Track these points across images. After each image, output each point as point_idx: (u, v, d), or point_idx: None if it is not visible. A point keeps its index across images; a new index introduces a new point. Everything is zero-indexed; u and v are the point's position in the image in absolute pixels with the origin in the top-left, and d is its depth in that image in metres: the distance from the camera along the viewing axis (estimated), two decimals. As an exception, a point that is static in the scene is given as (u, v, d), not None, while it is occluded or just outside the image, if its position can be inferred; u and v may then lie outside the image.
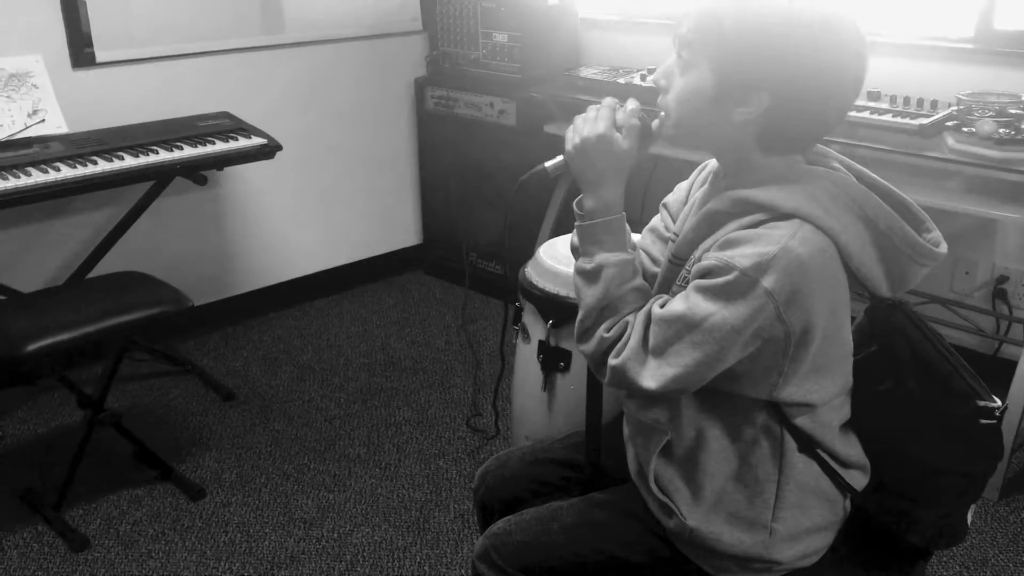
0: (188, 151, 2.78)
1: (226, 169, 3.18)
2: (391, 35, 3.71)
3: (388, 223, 3.94)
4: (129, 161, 2.67)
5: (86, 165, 2.59)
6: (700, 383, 1.23)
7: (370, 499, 2.51)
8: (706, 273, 1.21)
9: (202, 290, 3.32)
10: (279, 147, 2.95)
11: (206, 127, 2.94)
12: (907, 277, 1.28)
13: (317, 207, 3.68)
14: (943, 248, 1.28)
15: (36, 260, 3.03)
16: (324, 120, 3.59)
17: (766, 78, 1.19)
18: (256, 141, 2.92)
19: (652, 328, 1.24)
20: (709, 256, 1.22)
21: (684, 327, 1.20)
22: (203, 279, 3.39)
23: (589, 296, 1.31)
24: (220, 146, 2.85)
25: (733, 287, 1.17)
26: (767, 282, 1.16)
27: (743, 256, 1.17)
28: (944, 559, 2.24)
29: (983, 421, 1.30)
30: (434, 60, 3.73)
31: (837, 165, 1.29)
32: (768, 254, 1.16)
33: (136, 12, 3.04)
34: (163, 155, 2.73)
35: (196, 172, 2.81)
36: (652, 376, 1.23)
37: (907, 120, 2.57)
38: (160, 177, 2.85)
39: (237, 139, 2.91)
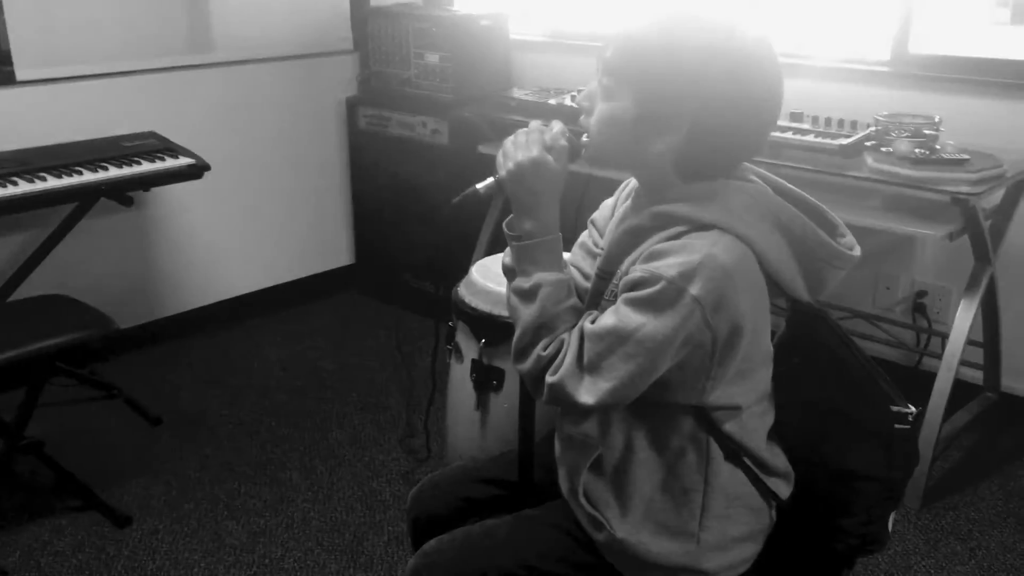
0: (113, 171, 2.73)
1: (153, 190, 3.12)
2: (322, 55, 3.70)
3: (320, 243, 3.91)
4: (52, 182, 2.61)
5: (6, 186, 2.52)
6: (636, 394, 1.25)
7: (302, 523, 2.47)
8: (634, 286, 1.23)
9: (128, 313, 3.25)
10: (207, 167, 2.91)
11: (132, 147, 2.89)
12: (824, 281, 1.32)
13: (247, 227, 3.64)
14: (857, 251, 1.33)
15: (-47, 284, 2.94)
16: (254, 140, 3.56)
17: (686, 110, 1.22)
18: (183, 161, 2.88)
19: (585, 344, 1.25)
20: (636, 269, 1.24)
21: (616, 340, 1.22)
22: (130, 301, 3.32)
23: (526, 315, 1.32)
24: (146, 166, 2.81)
25: (661, 297, 1.20)
26: (694, 289, 1.19)
27: (669, 266, 1.20)
28: (868, 567, 2.30)
29: (898, 426, 1.35)
30: (366, 80, 3.73)
31: (753, 177, 1.33)
32: (693, 262, 1.19)
33: (58, 30, 2.98)
34: (87, 176, 2.68)
35: (121, 193, 2.76)
36: (588, 391, 1.24)
37: (828, 140, 2.65)
38: (84, 198, 2.79)
39: (164, 159, 2.86)
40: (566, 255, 1.39)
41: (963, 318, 2.53)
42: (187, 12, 3.32)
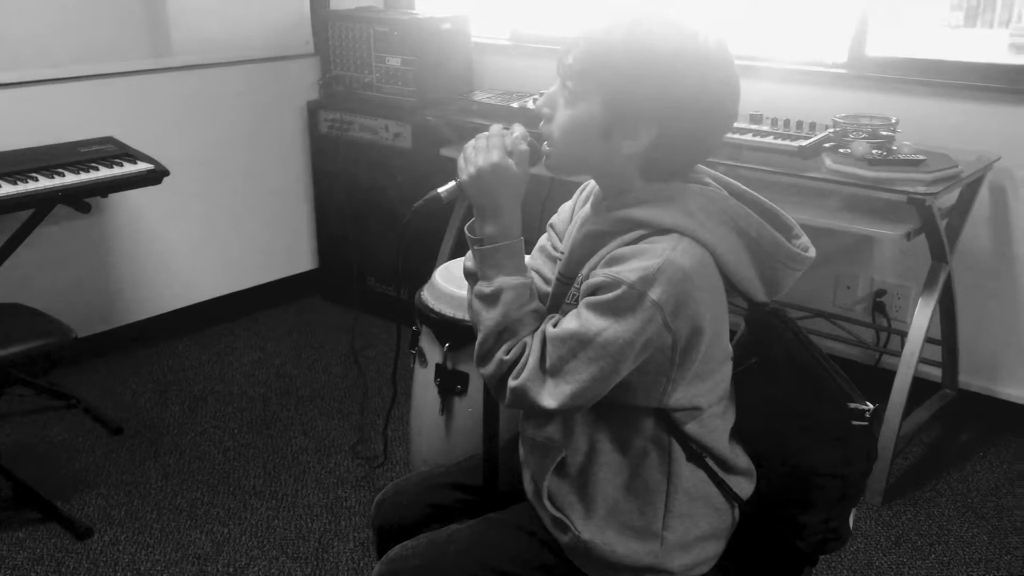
0: (70, 178, 2.69)
1: (111, 196, 3.08)
2: (282, 58, 3.67)
3: (282, 248, 3.88)
4: (7, 189, 2.57)
5: (-41, 193, 2.48)
6: (597, 397, 1.26)
7: (266, 531, 2.45)
8: (595, 290, 1.24)
9: (87, 321, 3.21)
10: (166, 172, 2.88)
11: (89, 153, 2.85)
12: (780, 282, 1.33)
13: (208, 233, 3.60)
14: (811, 252, 1.34)
15: (-95, 293, 2.88)
16: (214, 144, 3.53)
17: (655, 112, 1.23)
18: (142, 167, 2.84)
19: (547, 348, 1.26)
20: (597, 273, 1.25)
21: (578, 344, 1.23)
22: (88, 309, 3.27)
23: (488, 319, 1.32)
24: (104, 172, 2.77)
25: (622, 301, 1.20)
26: (654, 294, 1.19)
27: (629, 271, 1.21)
28: (831, 564, 2.32)
29: (855, 423, 1.37)
30: (327, 83, 3.70)
31: (709, 181, 1.34)
32: (652, 267, 1.20)
33: (12, 34, 2.93)
34: (43, 182, 2.64)
35: (79, 199, 2.72)
36: (551, 395, 1.25)
37: (787, 142, 2.68)
38: (40, 205, 2.74)
39: (122, 165, 2.83)
40: (526, 259, 1.39)
41: (921, 316, 2.57)
42: (145, 15, 3.28)
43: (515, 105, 3.24)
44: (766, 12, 3.16)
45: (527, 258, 1.39)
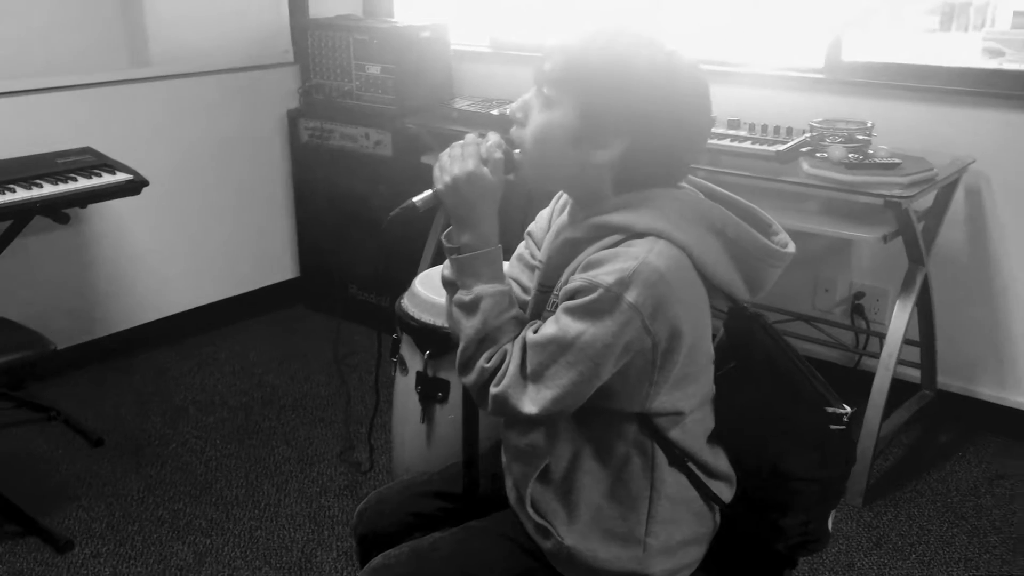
0: (48, 189, 2.68)
1: (90, 206, 3.06)
2: (262, 67, 3.67)
3: (264, 257, 3.87)
4: (-17, 200, 2.55)
5: (-65, 205, 2.46)
6: (579, 402, 1.26)
7: (249, 541, 2.44)
8: (573, 294, 1.24)
9: (67, 332, 3.19)
10: (146, 183, 2.86)
11: (67, 163, 2.83)
12: (762, 280, 1.34)
13: (189, 243, 3.59)
14: (791, 248, 1.35)
15: None
16: (194, 154, 3.52)
17: (628, 122, 1.25)
18: (121, 177, 2.83)
19: (528, 354, 1.27)
20: (574, 278, 1.26)
21: (558, 349, 1.23)
22: (67, 321, 3.25)
23: (468, 327, 1.32)
24: (83, 183, 2.75)
25: (599, 304, 1.21)
26: (631, 296, 1.20)
27: (606, 274, 1.22)
28: (813, 566, 2.33)
29: (834, 427, 1.38)
30: (307, 92, 3.70)
31: (684, 184, 1.35)
32: (629, 269, 1.21)
33: (-11, 45, 2.92)
34: (21, 193, 2.62)
35: (57, 210, 2.70)
36: (532, 401, 1.25)
37: (765, 147, 2.70)
38: (19, 216, 2.72)
39: (101, 175, 2.81)
40: (504, 267, 1.40)
41: (899, 318, 2.59)
42: (123, 25, 3.28)
43: (495, 112, 3.25)
44: (744, 18, 3.18)
45: (505, 266, 1.40)
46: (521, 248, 1.54)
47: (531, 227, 1.55)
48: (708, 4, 3.22)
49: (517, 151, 1.34)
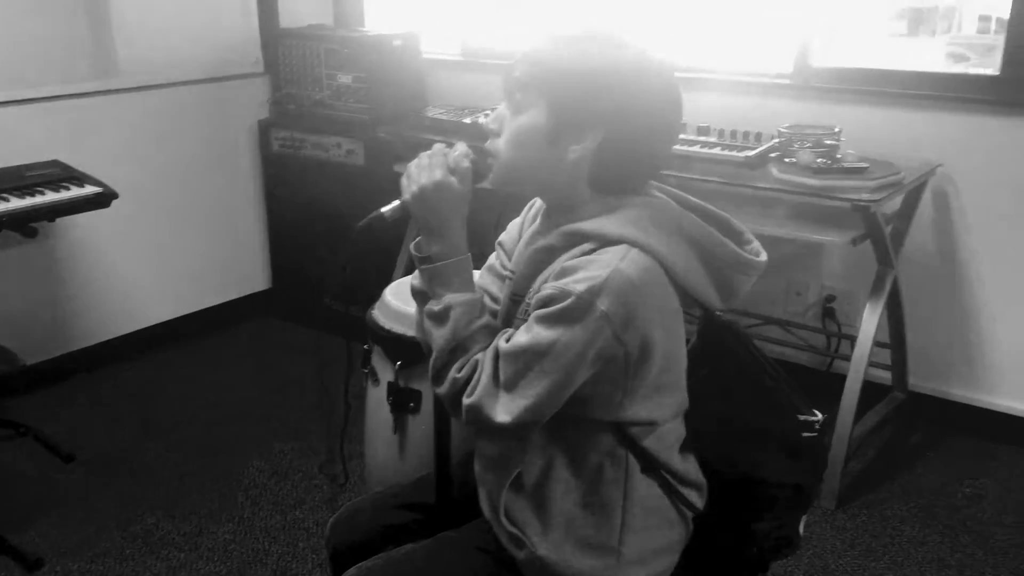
0: (15, 202, 2.64)
1: (58, 220, 3.03)
2: (232, 78, 3.65)
3: (235, 268, 3.84)
4: (-52, 215, 2.52)
5: (-101, 221, 2.43)
6: (552, 411, 1.26)
7: (223, 555, 2.42)
8: (545, 302, 1.24)
9: (36, 348, 3.15)
10: (115, 195, 2.83)
11: (34, 177, 2.80)
12: (735, 288, 1.35)
13: (159, 255, 3.56)
14: (763, 257, 1.36)
15: None
16: (164, 166, 3.49)
17: (600, 114, 1.25)
18: (90, 190, 2.80)
19: (500, 363, 1.26)
20: (547, 286, 1.26)
21: (531, 358, 1.23)
22: (37, 336, 3.21)
23: (439, 337, 1.32)
24: (50, 196, 2.72)
25: (571, 312, 1.21)
26: (602, 304, 1.20)
27: (577, 282, 1.22)
28: (788, 569, 2.34)
29: (806, 435, 1.38)
30: (278, 102, 3.69)
31: (657, 193, 1.36)
32: (600, 277, 1.21)
33: (-47, 57, 2.89)
34: (-13, 207, 2.59)
35: (24, 224, 2.67)
36: (505, 410, 1.25)
37: (735, 152, 2.72)
38: (-16, 231, 2.70)
39: (69, 188, 2.78)
40: (474, 278, 1.39)
41: (869, 321, 2.61)
42: (91, 36, 3.25)
43: (467, 120, 3.25)
44: (713, 25, 3.20)
45: (475, 277, 1.40)
46: (492, 259, 1.54)
47: (502, 237, 1.55)
48: (677, 12, 3.23)
49: (491, 160, 1.34)
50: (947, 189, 2.83)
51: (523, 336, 1.25)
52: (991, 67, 2.78)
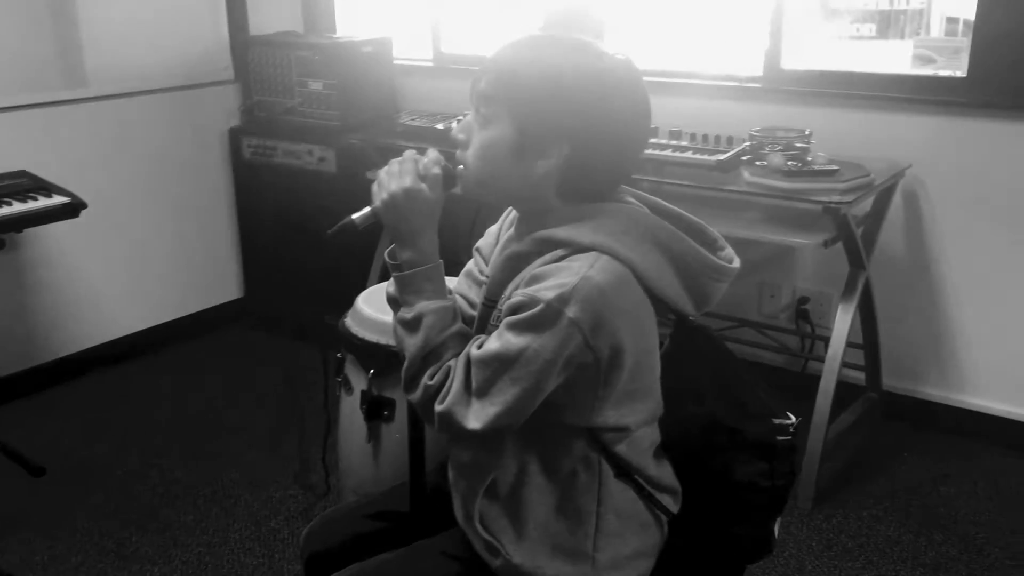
0: (-19, 213, 2.61)
1: (27, 231, 2.99)
2: (202, 85, 3.62)
3: (207, 277, 3.81)
4: (-88, 227, 2.48)
5: None
6: (523, 417, 1.26)
7: (198, 568, 2.39)
8: (515, 309, 1.24)
9: (5, 360, 3.12)
10: (84, 205, 2.81)
11: (1, 187, 2.77)
12: (708, 295, 1.35)
13: (130, 265, 3.52)
14: (736, 264, 1.36)
15: None
16: (134, 175, 3.46)
17: (565, 128, 1.25)
18: (58, 200, 2.77)
19: (472, 370, 1.26)
20: (517, 293, 1.26)
21: (501, 365, 1.23)
22: (5, 348, 3.17)
23: (411, 345, 1.32)
24: (17, 207, 2.69)
25: (540, 319, 1.21)
26: (571, 312, 1.20)
27: (547, 289, 1.22)
28: (765, 570, 2.35)
29: (780, 438, 1.39)
30: (248, 110, 3.67)
31: (630, 199, 1.36)
32: (569, 284, 1.21)
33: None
34: (-48, 219, 2.56)
35: (-9, 236, 2.65)
36: (477, 417, 1.25)
37: (706, 156, 2.73)
38: (-50, 242, 2.66)
39: (37, 198, 2.75)
40: (452, 284, 1.39)
41: (842, 322, 2.63)
42: (58, 45, 3.21)
43: (440, 126, 3.24)
44: (682, 29, 3.21)
45: (453, 282, 1.39)
46: (470, 264, 1.54)
47: (479, 243, 1.54)
48: (648, 15, 3.24)
49: (460, 167, 1.34)
50: (917, 190, 2.86)
51: (494, 343, 1.25)
52: (958, 69, 2.81)
